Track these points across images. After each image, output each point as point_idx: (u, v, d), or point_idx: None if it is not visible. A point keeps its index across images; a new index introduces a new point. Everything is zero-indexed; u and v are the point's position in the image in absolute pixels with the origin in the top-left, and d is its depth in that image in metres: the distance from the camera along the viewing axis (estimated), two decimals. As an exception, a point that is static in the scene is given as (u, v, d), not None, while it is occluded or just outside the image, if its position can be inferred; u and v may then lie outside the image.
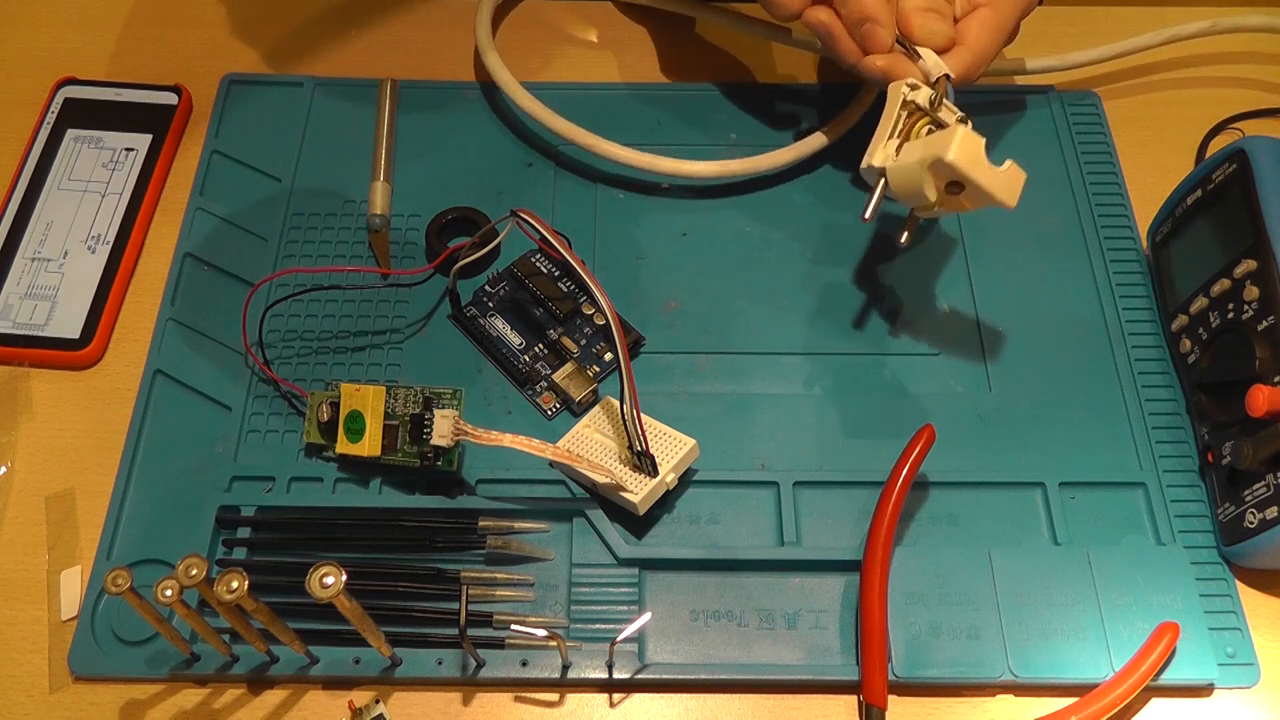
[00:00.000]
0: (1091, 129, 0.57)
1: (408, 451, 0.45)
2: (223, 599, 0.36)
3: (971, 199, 0.45)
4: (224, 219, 0.54)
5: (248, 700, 0.42)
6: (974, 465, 0.47)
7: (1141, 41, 0.58)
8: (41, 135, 0.56)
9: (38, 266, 0.52)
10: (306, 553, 0.45)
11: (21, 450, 0.48)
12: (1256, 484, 0.43)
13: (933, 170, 0.44)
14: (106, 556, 0.45)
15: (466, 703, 0.43)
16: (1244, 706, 0.43)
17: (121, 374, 0.50)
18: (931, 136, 0.45)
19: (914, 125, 0.46)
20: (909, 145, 0.45)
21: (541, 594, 0.44)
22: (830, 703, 0.43)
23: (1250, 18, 0.58)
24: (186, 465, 0.47)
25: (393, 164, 0.56)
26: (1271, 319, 0.43)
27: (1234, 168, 0.47)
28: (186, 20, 0.62)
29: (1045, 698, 0.42)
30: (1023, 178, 0.44)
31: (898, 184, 0.45)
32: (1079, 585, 0.44)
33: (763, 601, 0.44)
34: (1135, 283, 0.52)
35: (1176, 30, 0.58)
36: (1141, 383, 0.49)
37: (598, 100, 0.58)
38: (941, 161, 0.43)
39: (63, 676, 0.43)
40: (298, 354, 0.50)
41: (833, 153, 0.56)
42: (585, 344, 0.50)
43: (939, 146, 0.43)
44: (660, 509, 0.46)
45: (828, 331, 0.51)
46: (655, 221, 0.54)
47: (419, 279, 0.52)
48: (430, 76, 0.59)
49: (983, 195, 0.44)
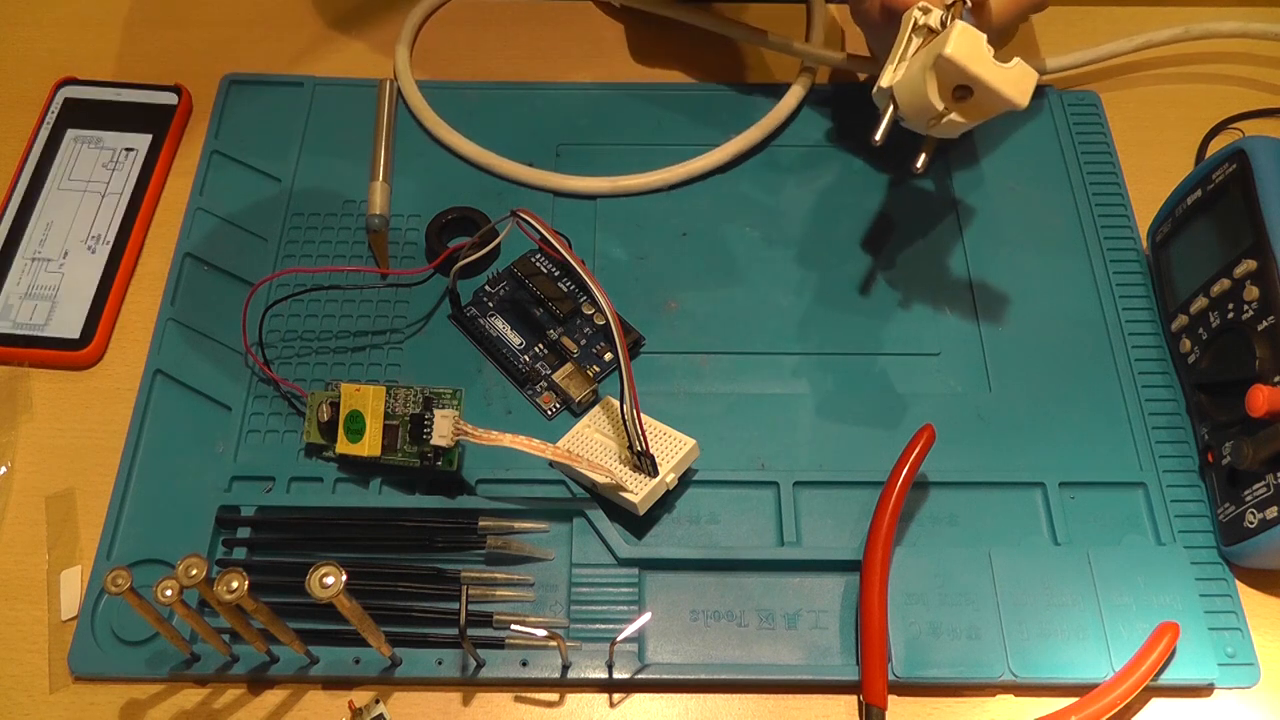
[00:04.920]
0: (1091, 129, 0.57)
1: (408, 451, 0.45)
2: (223, 599, 0.36)
3: (981, 103, 0.43)
4: (224, 219, 0.54)
5: (248, 700, 0.42)
6: (974, 465, 0.47)
7: (1141, 40, 0.58)
8: (41, 135, 0.56)
9: (38, 266, 0.52)
10: (306, 553, 0.45)
11: (21, 450, 0.48)
12: (1256, 484, 0.43)
13: (936, 73, 0.42)
14: (106, 556, 0.45)
15: (466, 703, 0.43)
16: (1244, 706, 0.43)
17: (121, 374, 0.50)
18: (935, 39, 0.43)
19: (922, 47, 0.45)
20: (913, 58, 0.44)
21: (541, 594, 0.44)
22: (830, 703, 0.43)
23: (1253, 24, 0.58)
24: (186, 465, 0.47)
25: (392, 164, 0.56)
26: (1271, 319, 0.43)
27: (1234, 168, 0.47)
28: (186, 20, 0.62)
29: (1045, 698, 0.42)
30: (1034, 77, 0.42)
31: (904, 98, 0.44)
32: (1079, 585, 0.44)
33: (763, 601, 0.44)
34: (1135, 283, 0.52)
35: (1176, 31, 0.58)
36: (1141, 383, 0.49)
37: (596, 101, 0.58)
38: (942, 58, 0.41)
39: (63, 676, 0.43)
40: (298, 354, 0.50)
41: (834, 153, 0.56)
42: (585, 344, 0.50)
43: (938, 44, 0.42)
44: (660, 509, 0.46)
45: (828, 331, 0.51)
46: (655, 221, 0.54)
47: (419, 279, 0.52)
48: (430, 76, 0.59)
49: (991, 95, 0.42)
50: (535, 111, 0.58)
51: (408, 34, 0.60)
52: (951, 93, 0.43)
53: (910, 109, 0.44)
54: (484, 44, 0.61)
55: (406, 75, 0.58)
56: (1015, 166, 0.56)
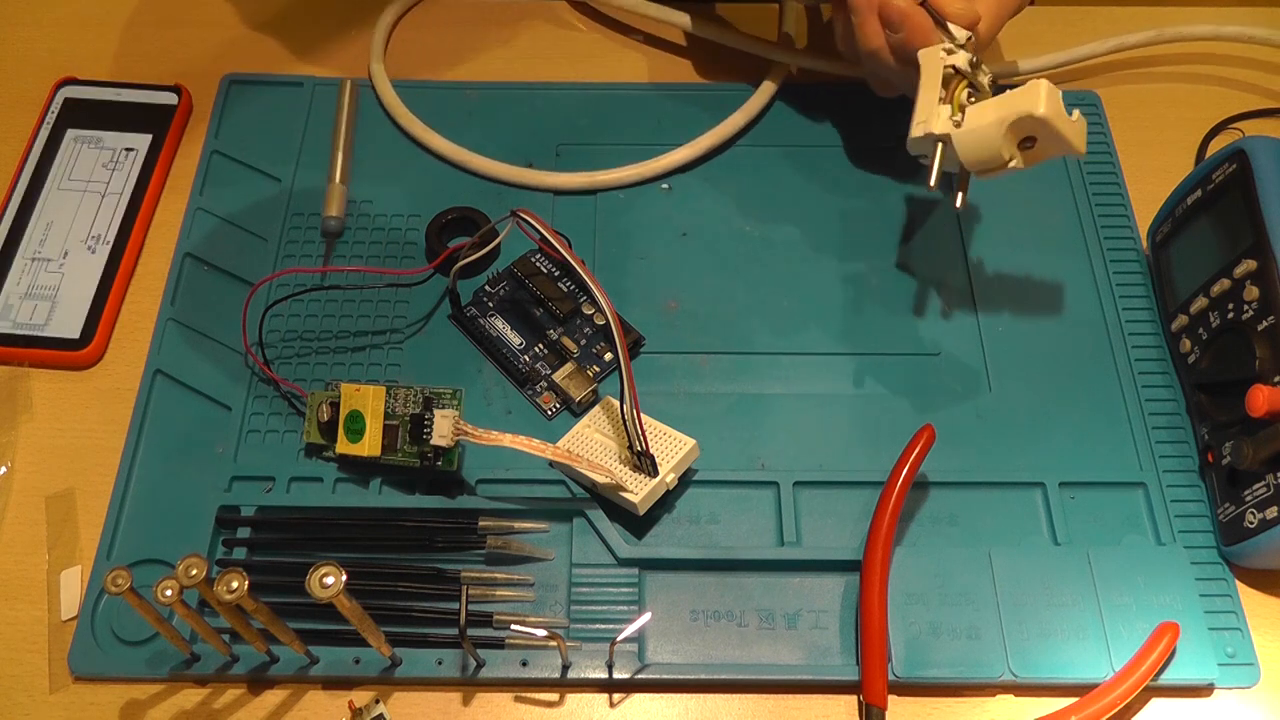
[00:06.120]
0: (1092, 129, 0.57)
1: (408, 451, 0.45)
2: (223, 599, 0.36)
3: (1043, 151, 0.45)
4: (224, 219, 0.54)
5: (248, 700, 0.42)
6: (974, 465, 0.47)
7: (1140, 39, 0.59)
8: (41, 135, 0.56)
9: (38, 266, 0.52)
10: (306, 553, 0.45)
11: (21, 450, 0.48)
12: (1256, 484, 0.43)
13: (1014, 128, 0.44)
14: (106, 556, 0.45)
15: (466, 703, 0.43)
16: (1244, 706, 0.43)
17: (121, 374, 0.50)
18: (1008, 95, 0.44)
19: (955, 90, 0.46)
20: (975, 109, 0.45)
21: (541, 594, 0.44)
22: (830, 703, 0.43)
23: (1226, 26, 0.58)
24: (186, 465, 0.47)
25: (350, 165, 0.55)
26: (1271, 319, 0.43)
27: (1234, 168, 0.47)
28: (186, 20, 0.62)
29: (1045, 698, 0.42)
30: (1085, 124, 0.45)
31: (968, 148, 0.45)
32: (1079, 585, 0.44)
33: (763, 601, 0.44)
34: (1135, 283, 0.52)
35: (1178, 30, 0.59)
36: (1141, 383, 0.49)
37: (596, 101, 0.58)
38: (1032, 117, 0.43)
39: (63, 676, 0.43)
40: (298, 354, 0.50)
41: (836, 153, 0.56)
42: (585, 344, 0.50)
43: (1027, 103, 0.43)
44: (660, 509, 0.46)
45: (828, 331, 0.51)
46: (655, 221, 0.54)
47: (419, 279, 0.52)
48: (431, 76, 0.59)
49: (1060, 145, 0.44)
50: (535, 111, 0.58)
51: (380, 37, 0.60)
52: (1019, 145, 0.45)
53: (973, 158, 0.45)
54: (484, 44, 0.61)
55: (383, 76, 0.58)
56: (1015, 166, 0.56)
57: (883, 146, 0.56)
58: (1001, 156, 0.45)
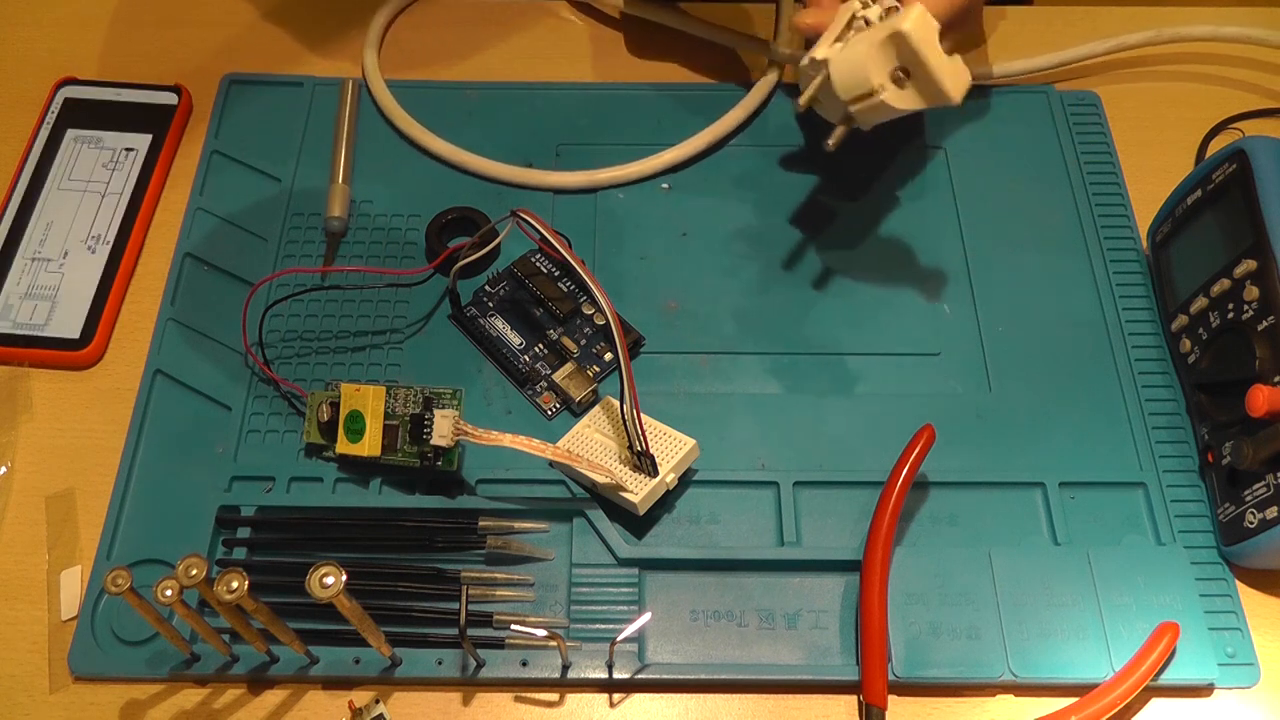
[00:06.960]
0: (1091, 129, 0.57)
1: (408, 451, 0.45)
2: (223, 599, 0.36)
3: (916, 91, 0.44)
4: (224, 219, 0.54)
5: (248, 700, 0.42)
6: (974, 465, 0.47)
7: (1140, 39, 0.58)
8: (41, 135, 0.56)
9: (38, 266, 0.52)
10: (306, 553, 0.45)
11: (21, 450, 0.48)
12: (1256, 484, 0.43)
13: (884, 49, 0.43)
14: (106, 556, 0.45)
15: (466, 703, 0.43)
16: (1244, 706, 0.43)
17: (121, 374, 0.50)
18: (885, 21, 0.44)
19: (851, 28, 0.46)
20: (856, 36, 0.45)
21: (541, 594, 0.44)
22: (830, 703, 0.43)
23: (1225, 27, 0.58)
24: (186, 465, 0.47)
25: (353, 165, 0.55)
26: (1271, 319, 0.43)
27: (1234, 168, 0.47)
28: (186, 20, 0.62)
29: (1045, 698, 0.42)
30: (969, 77, 0.44)
31: (841, 72, 0.45)
32: (1079, 585, 0.44)
33: (763, 601, 0.44)
34: (1135, 283, 0.52)
35: (1178, 31, 0.58)
36: (1141, 383, 0.49)
37: (596, 101, 0.58)
38: (898, 34, 0.42)
39: (63, 676, 0.43)
40: (298, 354, 0.50)
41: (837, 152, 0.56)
42: (585, 344, 0.50)
43: (896, 21, 0.43)
44: (660, 509, 0.46)
45: (828, 331, 0.51)
46: (655, 221, 0.54)
47: (419, 279, 0.52)
48: (430, 76, 0.59)
49: (930, 83, 0.43)
50: (535, 111, 0.58)
51: (374, 35, 0.60)
52: (890, 73, 0.44)
53: (844, 83, 0.45)
54: (484, 43, 0.61)
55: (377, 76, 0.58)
56: (1015, 166, 0.56)
57: (883, 145, 0.56)
58: (870, 81, 0.43)
